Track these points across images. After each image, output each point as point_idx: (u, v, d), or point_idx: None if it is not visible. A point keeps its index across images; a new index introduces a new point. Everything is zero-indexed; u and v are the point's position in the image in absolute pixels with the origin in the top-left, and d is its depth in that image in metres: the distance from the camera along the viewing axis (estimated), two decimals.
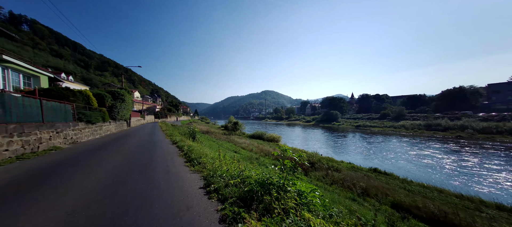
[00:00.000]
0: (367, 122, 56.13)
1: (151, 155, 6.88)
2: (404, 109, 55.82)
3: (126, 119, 21.06)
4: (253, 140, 25.71)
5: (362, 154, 21.80)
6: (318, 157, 14.15)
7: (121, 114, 18.48)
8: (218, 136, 27.46)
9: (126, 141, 10.48)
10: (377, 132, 43.33)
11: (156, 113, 63.35)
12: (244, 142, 21.41)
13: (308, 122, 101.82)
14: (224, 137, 27.15)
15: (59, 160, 6.17)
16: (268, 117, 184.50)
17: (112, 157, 6.53)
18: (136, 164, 5.65)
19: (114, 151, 7.65)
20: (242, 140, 23.24)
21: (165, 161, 6.10)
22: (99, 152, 7.51)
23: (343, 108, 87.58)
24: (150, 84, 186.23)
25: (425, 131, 36.47)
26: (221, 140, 21.97)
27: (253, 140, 26.50)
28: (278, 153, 3.43)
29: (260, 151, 15.29)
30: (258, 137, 28.63)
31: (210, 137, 25.42)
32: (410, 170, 14.91)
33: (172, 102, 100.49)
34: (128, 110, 21.35)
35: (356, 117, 73.79)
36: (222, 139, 23.57)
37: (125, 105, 19.21)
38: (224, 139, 24.37)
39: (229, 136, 28.41)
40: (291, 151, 3.08)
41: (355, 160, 17.84)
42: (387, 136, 36.70)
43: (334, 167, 11.62)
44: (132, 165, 5.54)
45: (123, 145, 9.26)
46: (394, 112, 56.74)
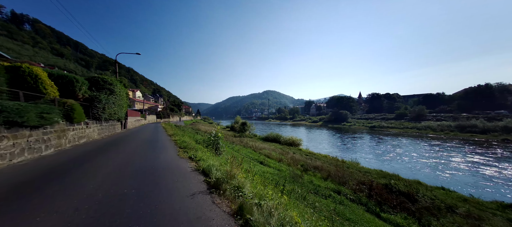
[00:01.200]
0: (383, 123, 52.37)
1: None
2: (424, 108, 51.94)
3: (119, 118, 16.32)
4: (269, 144, 22.34)
5: (406, 163, 18.22)
6: (409, 183, 9.28)
7: (110, 111, 13.28)
8: (230, 139, 24.11)
9: (101, 163, 5.45)
10: (398, 134, 39.67)
11: (158, 113, 60.27)
12: (263, 147, 18.04)
13: (315, 122, 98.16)
14: (236, 139, 23.80)
15: None
16: (272, 117, 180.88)
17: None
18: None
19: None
20: (259, 144, 19.85)
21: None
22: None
23: (353, 108, 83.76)
24: (152, 84, 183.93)
25: (458, 133, 32.67)
26: (235, 144, 18.62)
27: (269, 143, 23.12)
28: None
29: (292, 161, 11.89)
30: (274, 140, 25.21)
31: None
32: (489, 191, 11.40)
33: (174, 101, 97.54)
34: (122, 107, 16.49)
35: (368, 117, 69.96)
36: (235, 143, 20.22)
37: (115, 99, 14.37)
38: (237, 142, 21.01)
39: (242, 139, 25.04)
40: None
41: (410, 173, 14.31)
42: (410, 138, 33.07)
43: (452, 205, 7.38)
44: None
45: (83, 179, 4.16)
46: (412, 112, 52.86)
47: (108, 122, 14.41)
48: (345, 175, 8.78)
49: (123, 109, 17.52)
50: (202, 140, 10.11)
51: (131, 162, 5.60)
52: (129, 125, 22.36)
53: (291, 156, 13.61)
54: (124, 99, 17.54)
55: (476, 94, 48.85)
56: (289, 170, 8.81)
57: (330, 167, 10.14)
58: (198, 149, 7.06)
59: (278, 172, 8.47)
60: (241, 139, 25.17)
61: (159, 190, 3.61)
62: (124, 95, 17.35)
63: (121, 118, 17.30)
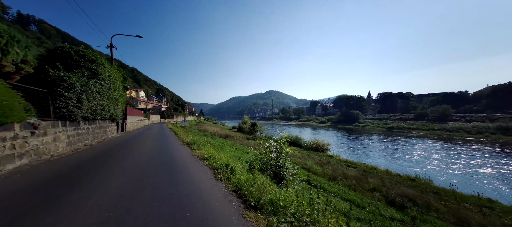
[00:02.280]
0: (402, 124, 48.46)
1: None
2: (449, 108, 47.81)
3: (113, 117, 11.89)
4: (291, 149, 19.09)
5: (471, 177, 14.74)
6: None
7: (92, 106, 8.83)
8: (243, 141, 20.97)
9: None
10: (423, 136, 35.94)
11: (162, 113, 57.63)
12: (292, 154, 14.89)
13: (323, 122, 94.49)
14: (250, 142, 20.64)
15: None
16: (275, 118, 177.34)
17: None
18: None
19: None
20: None
21: None
22: None
23: (364, 108, 79.78)
24: (155, 84, 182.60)
25: (502, 136, 28.76)
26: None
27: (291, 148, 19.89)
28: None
29: (350, 180, 8.49)
30: (293, 143, 21.90)
31: (233, 142, 18.97)
32: None
33: (178, 101, 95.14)
34: (116, 101, 11.80)
35: (382, 118, 65.95)
36: (251, 146, 17.05)
37: (102, 87, 9.74)
38: (254, 146, 17.83)
39: (256, 142, 21.89)
40: None
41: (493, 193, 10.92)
42: (441, 142, 29.42)
43: None
44: None
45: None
46: (435, 112, 48.79)
47: (93, 124, 9.66)
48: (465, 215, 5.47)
49: (119, 104, 12.49)
50: (251, 160, 5.83)
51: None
52: (129, 126, 19.07)
53: (335, 168, 10.37)
54: (119, 89, 12.56)
55: (506, 93, 44.67)
56: (374, 206, 5.47)
57: (426, 197, 6.78)
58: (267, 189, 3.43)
59: (366, 214, 5.18)
60: (254, 141, 22.01)
61: None
62: (118, 83, 12.34)
63: (116, 118, 12.42)
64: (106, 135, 11.80)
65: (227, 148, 12.04)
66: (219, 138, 21.73)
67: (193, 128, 32.99)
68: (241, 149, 14.31)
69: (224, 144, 15.91)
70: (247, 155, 11.83)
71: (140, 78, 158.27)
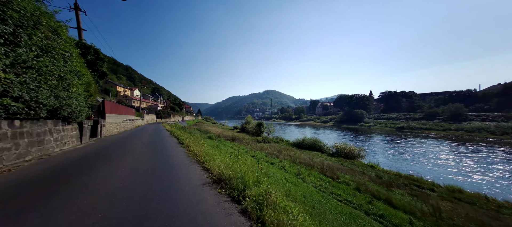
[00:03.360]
0: (413, 124, 46.33)
1: None
2: (462, 107, 45.92)
3: (71, 116, 7.75)
4: (311, 154, 16.28)
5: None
6: None
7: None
8: (255, 145, 18.01)
9: None
10: (440, 137, 33.73)
11: (158, 112, 54.07)
12: (320, 161, 11.98)
13: (325, 122, 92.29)
14: (261, 146, 17.69)
15: None
16: (275, 117, 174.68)
17: None
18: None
19: None
20: (304, 157, 13.72)
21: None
22: None
23: (368, 107, 77.83)
24: (151, 83, 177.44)
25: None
26: (275, 157, 12.54)
27: (310, 153, 17.06)
28: None
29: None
30: (311, 147, 18.98)
31: (246, 147, 15.99)
32: None
33: (175, 100, 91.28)
34: (68, 84, 7.12)
35: (389, 117, 63.95)
36: (269, 153, 14.13)
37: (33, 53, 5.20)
38: (270, 150, 14.89)
39: (269, 145, 18.91)
40: None
41: None
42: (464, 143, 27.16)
43: None
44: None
45: None
46: (447, 111, 46.83)
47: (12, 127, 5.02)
48: None
49: (79, 91, 8.00)
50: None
51: None
52: (110, 129, 14.08)
53: (422, 197, 7.36)
54: (79, 67, 8.04)
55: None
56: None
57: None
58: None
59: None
60: (268, 145, 19.06)
61: None
62: (74, 57, 7.63)
63: (76, 115, 8.03)
64: (44, 150, 6.36)
65: (249, 160, 9.14)
66: (227, 141, 18.71)
67: (193, 128, 29.84)
68: (262, 158, 11.35)
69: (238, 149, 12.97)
70: (276, 170, 8.88)
71: (135, 76, 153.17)
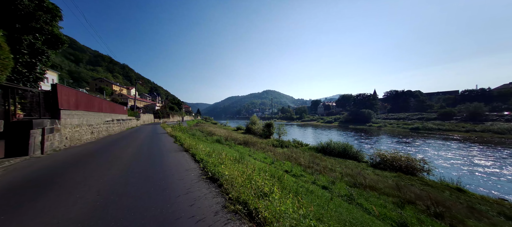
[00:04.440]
0: (429, 124, 43.53)
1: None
2: (481, 106, 43.32)
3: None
4: (346, 163, 13.13)
5: None
6: None
7: None
8: (274, 151, 14.79)
9: None
10: (466, 139, 30.90)
11: (156, 112, 50.56)
12: (378, 179, 8.85)
13: (329, 122, 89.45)
14: (282, 151, 14.50)
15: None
16: (276, 117, 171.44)
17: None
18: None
19: None
20: (353, 170, 10.54)
21: None
22: None
23: (375, 106, 75.12)
24: (148, 82, 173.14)
25: None
26: (321, 174, 9.36)
27: (344, 161, 13.89)
28: None
29: None
30: (341, 154, 15.70)
31: (265, 154, 12.78)
32: None
33: (174, 100, 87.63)
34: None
35: (399, 117, 61.21)
36: (301, 163, 10.96)
37: None
38: (309, 162, 11.70)
39: (291, 150, 15.69)
40: None
41: None
42: (501, 147, 24.35)
43: None
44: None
45: None
46: (465, 111, 44.17)
47: None
48: None
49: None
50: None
51: None
52: (74, 137, 9.65)
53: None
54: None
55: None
56: None
57: None
58: None
59: None
60: (288, 150, 15.84)
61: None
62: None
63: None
64: None
65: (317, 193, 5.91)
66: (238, 146, 15.46)
67: (194, 130, 26.57)
68: (303, 177, 8.09)
69: (269, 161, 9.74)
70: (360, 212, 5.70)
71: (132, 75, 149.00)
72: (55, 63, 77.12)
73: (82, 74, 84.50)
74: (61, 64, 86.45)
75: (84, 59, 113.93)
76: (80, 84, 71.71)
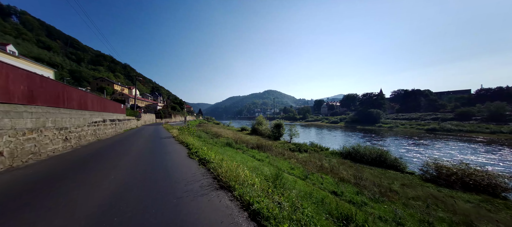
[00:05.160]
0: (447, 125, 40.93)
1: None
2: (505, 105, 40.58)
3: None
4: (387, 174, 10.86)
5: None
6: None
7: None
8: (296, 157, 12.59)
9: None
10: (493, 141, 28.40)
11: (158, 112, 48.65)
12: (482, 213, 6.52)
13: (334, 122, 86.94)
14: (300, 157, 12.31)
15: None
16: (278, 117, 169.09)
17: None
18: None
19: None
20: (411, 192, 8.29)
21: None
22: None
23: (383, 106, 72.50)
24: (150, 82, 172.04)
25: None
26: (378, 194, 7.15)
27: (385, 172, 11.63)
28: None
29: None
30: (375, 161, 13.38)
31: (287, 161, 10.58)
32: None
33: (176, 99, 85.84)
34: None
35: (411, 117, 58.60)
36: (343, 177, 8.75)
37: None
38: (350, 175, 9.50)
39: (315, 156, 13.48)
40: None
41: None
42: None
43: None
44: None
45: None
46: (486, 111, 41.43)
47: None
48: None
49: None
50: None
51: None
52: (28, 150, 5.93)
53: None
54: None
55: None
56: None
57: None
58: None
59: None
60: (309, 155, 13.63)
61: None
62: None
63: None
64: None
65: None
66: (253, 151, 13.28)
67: (199, 131, 24.46)
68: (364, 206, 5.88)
69: (302, 175, 7.58)
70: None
71: (133, 75, 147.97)
72: (56, 62, 75.82)
73: (84, 74, 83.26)
74: (62, 63, 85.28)
75: (85, 59, 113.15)
76: (81, 83, 70.20)
